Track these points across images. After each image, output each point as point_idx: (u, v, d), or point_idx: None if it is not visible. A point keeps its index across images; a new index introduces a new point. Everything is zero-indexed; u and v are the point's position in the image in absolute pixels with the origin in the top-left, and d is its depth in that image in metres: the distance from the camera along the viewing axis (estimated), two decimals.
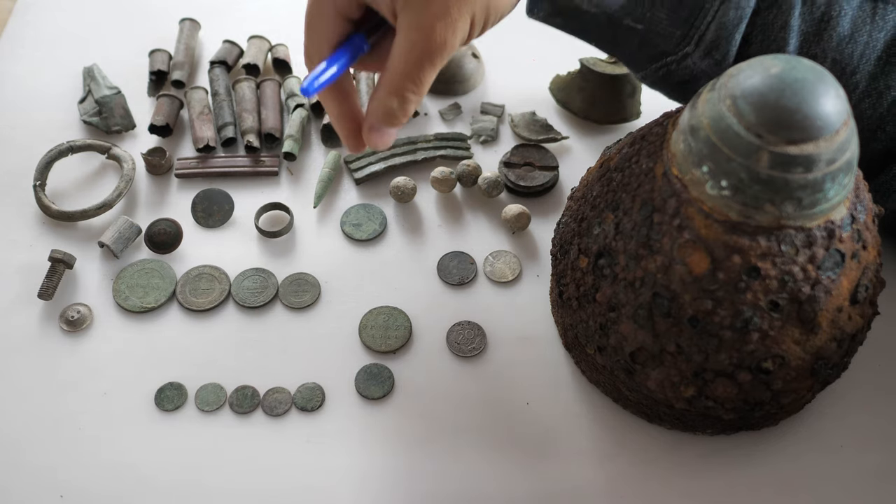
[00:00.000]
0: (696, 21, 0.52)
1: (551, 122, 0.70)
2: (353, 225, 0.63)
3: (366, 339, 0.58)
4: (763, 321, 0.45)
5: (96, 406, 0.56)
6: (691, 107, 0.46)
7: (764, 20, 0.53)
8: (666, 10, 0.52)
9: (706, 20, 0.52)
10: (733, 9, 0.52)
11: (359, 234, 0.63)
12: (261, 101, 0.70)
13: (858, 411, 0.56)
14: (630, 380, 0.51)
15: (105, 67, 0.72)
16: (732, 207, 0.44)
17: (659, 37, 0.53)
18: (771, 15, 0.53)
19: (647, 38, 0.54)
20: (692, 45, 0.53)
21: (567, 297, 0.53)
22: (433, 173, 0.64)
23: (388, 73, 0.47)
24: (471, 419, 0.55)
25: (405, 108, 0.48)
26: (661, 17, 0.52)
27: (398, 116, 0.48)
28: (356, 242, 0.63)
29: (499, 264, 0.62)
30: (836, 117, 0.42)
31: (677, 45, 0.53)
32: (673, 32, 0.53)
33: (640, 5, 0.52)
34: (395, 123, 0.49)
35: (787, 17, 0.52)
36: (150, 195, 0.66)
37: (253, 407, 0.56)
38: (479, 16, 0.46)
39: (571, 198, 0.55)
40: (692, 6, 0.52)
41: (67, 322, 0.59)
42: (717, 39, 0.52)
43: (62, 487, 0.52)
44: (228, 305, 0.60)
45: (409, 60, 0.46)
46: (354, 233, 0.63)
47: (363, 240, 0.63)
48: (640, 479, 0.53)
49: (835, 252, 0.45)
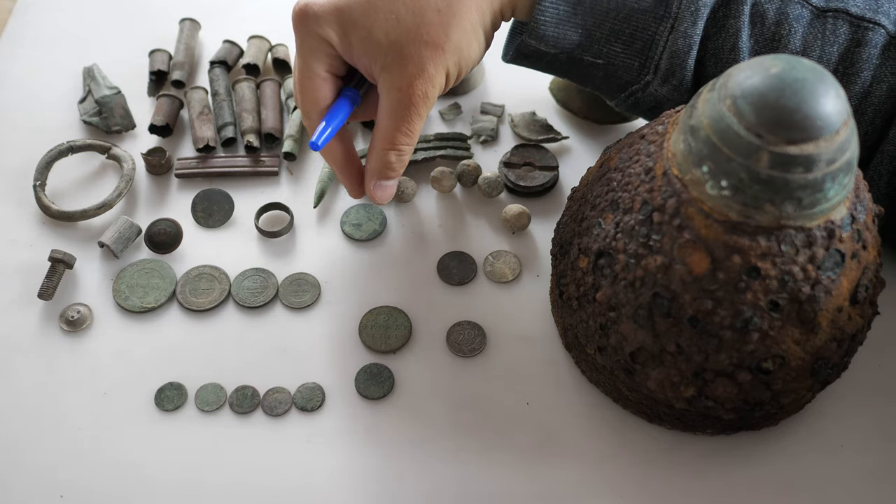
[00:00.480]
0: (649, 52, 0.54)
1: (551, 122, 0.70)
2: (353, 225, 0.63)
3: (366, 339, 0.58)
4: (763, 321, 0.45)
5: (96, 406, 0.56)
6: (691, 107, 0.46)
7: (714, 44, 0.55)
8: (620, 44, 0.55)
9: (658, 50, 0.54)
10: (681, 38, 0.54)
11: (359, 234, 0.63)
12: (261, 101, 0.70)
13: (858, 411, 0.56)
14: (630, 380, 0.51)
15: (105, 67, 0.72)
16: (732, 207, 0.44)
17: (620, 69, 0.56)
18: (720, 39, 0.54)
19: (609, 71, 0.56)
20: (651, 74, 0.55)
21: (567, 297, 0.53)
22: (433, 173, 0.65)
23: (380, 130, 0.53)
24: (471, 419, 0.55)
25: (402, 159, 0.54)
26: (618, 51, 0.55)
27: (396, 168, 0.55)
28: (356, 242, 0.63)
29: (499, 264, 0.62)
30: (836, 117, 0.42)
31: (638, 75, 0.56)
32: (631, 64, 0.55)
33: (595, 42, 0.55)
34: (394, 175, 0.55)
35: (735, 39, 0.54)
36: (150, 195, 0.66)
37: (253, 407, 0.56)
38: (452, 69, 0.52)
39: (571, 198, 0.56)
40: (643, 38, 0.54)
41: (67, 322, 0.59)
42: (671, 67, 0.55)
43: (62, 487, 0.52)
44: (228, 305, 0.60)
45: (396, 117, 0.52)
46: (354, 233, 0.63)
47: (363, 240, 0.63)
48: (640, 479, 0.53)
49: (835, 252, 0.45)
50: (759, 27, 0.54)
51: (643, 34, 0.54)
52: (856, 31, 0.54)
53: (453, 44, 0.51)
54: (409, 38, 0.50)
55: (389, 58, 0.51)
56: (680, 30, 0.54)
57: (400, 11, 0.50)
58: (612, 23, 0.54)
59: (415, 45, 0.50)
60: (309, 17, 0.51)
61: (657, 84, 0.55)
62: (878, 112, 0.55)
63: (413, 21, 0.50)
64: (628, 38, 0.54)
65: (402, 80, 0.51)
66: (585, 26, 0.54)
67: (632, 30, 0.54)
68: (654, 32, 0.54)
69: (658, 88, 0.56)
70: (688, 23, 0.53)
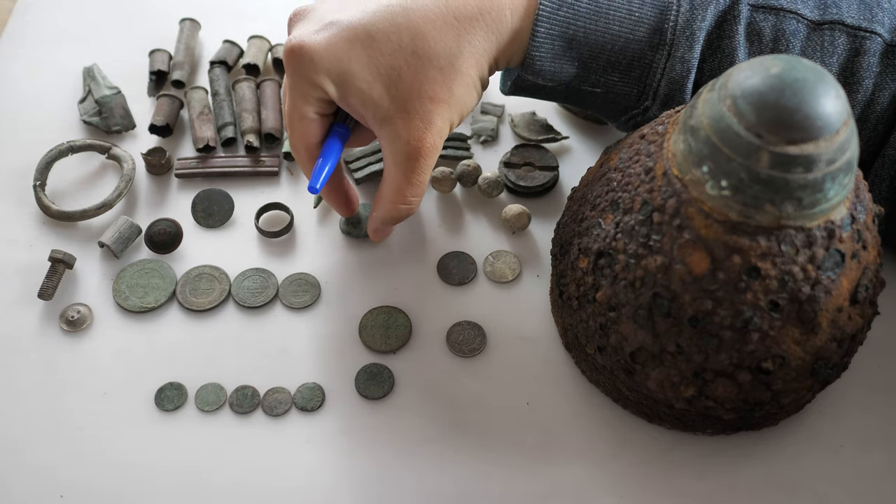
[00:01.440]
0: (647, 80, 0.55)
1: (551, 122, 0.70)
2: (351, 223, 0.63)
3: (366, 339, 0.58)
4: (763, 321, 0.45)
5: (96, 406, 0.56)
6: (691, 107, 0.46)
7: (711, 65, 0.55)
8: (618, 73, 0.55)
9: (656, 77, 0.54)
10: (679, 63, 0.54)
11: (356, 231, 0.63)
12: (261, 101, 0.70)
13: (858, 411, 0.56)
14: (630, 380, 0.51)
15: (105, 67, 0.72)
16: (732, 207, 0.44)
17: (618, 96, 0.56)
18: (716, 60, 0.55)
19: (608, 98, 0.56)
20: (650, 100, 0.56)
21: (567, 297, 0.53)
22: (433, 173, 0.64)
23: (390, 181, 0.54)
24: (471, 419, 0.55)
25: (410, 209, 0.55)
26: (615, 80, 0.55)
27: (404, 218, 0.56)
28: (356, 242, 0.63)
29: (499, 264, 0.62)
30: (836, 117, 0.42)
31: (637, 101, 0.56)
32: (630, 91, 0.56)
33: (592, 73, 0.55)
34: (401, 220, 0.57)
35: (732, 59, 0.54)
36: (150, 195, 0.66)
37: (253, 407, 0.56)
38: (455, 120, 0.53)
39: (571, 198, 0.56)
40: (640, 66, 0.54)
41: (67, 322, 0.59)
42: (670, 93, 0.55)
43: (62, 487, 0.52)
44: (228, 305, 0.60)
45: (405, 168, 0.52)
46: (352, 231, 0.63)
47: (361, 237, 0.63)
48: (640, 479, 0.53)
49: (835, 252, 0.45)
50: (757, 45, 0.54)
51: (640, 63, 0.54)
52: (853, 40, 0.54)
53: (456, 99, 0.52)
54: (413, 95, 0.51)
55: (392, 111, 0.51)
56: (677, 56, 0.54)
57: (402, 69, 0.50)
58: (607, 55, 0.54)
59: (419, 101, 0.51)
60: (304, 62, 0.50)
61: (656, 109, 0.56)
62: (880, 119, 0.55)
63: (416, 78, 0.50)
64: (625, 67, 0.54)
65: (409, 134, 0.51)
66: (581, 59, 0.54)
67: (628, 60, 0.54)
68: (651, 60, 0.54)
69: (657, 113, 0.56)
70: (684, 48, 0.53)
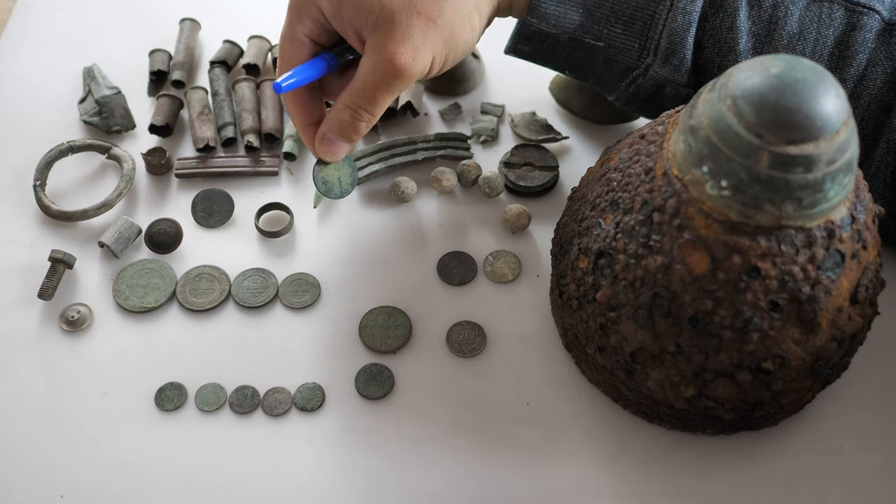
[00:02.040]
0: (649, 32, 0.55)
1: (551, 122, 0.70)
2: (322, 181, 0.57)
3: (366, 339, 0.58)
4: (763, 321, 0.45)
5: (96, 406, 0.56)
6: (691, 107, 0.46)
7: (712, 24, 0.55)
8: (621, 24, 0.55)
9: (658, 29, 0.55)
10: (680, 14, 0.55)
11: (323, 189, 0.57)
12: (261, 101, 0.70)
13: (858, 411, 0.56)
14: (630, 380, 0.51)
15: (105, 67, 0.72)
16: (732, 207, 0.44)
17: (620, 52, 0.56)
18: (717, 19, 0.55)
19: (610, 55, 0.56)
20: (651, 56, 0.56)
21: (567, 297, 0.53)
22: (433, 173, 0.65)
23: (349, 89, 0.52)
24: (471, 419, 0.55)
25: (356, 124, 0.52)
26: (618, 32, 0.55)
27: (349, 131, 0.53)
28: (356, 242, 0.63)
29: (499, 264, 0.62)
30: (836, 117, 0.42)
31: (638, 58, 0.56)
32: (631, 46, 0.56)
33: (595, 23, 0.55)
34: (346, 137, 0.53)
35: (734, 18, 0.55)
36: (150, 195, 0.66)
37: (253, 407, 0.56)
38: (440, 48, 0.51)
39: (571, 198, 0.56)
40: (643, 18, 0.55)
41: (67, 322, 0.59)
42: (671, 46, 0.55)
43: (62, 487, 0.52)
44: (228, 305, 0.60)
45: (368, 80, 0.50)
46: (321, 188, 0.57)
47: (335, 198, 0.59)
48: (640, 479, 0.53)
49: (835, 252, 0.45)
50: (757, 9, 0.55)
51: (642, 13, 0.55)
52: (851, 15, 0.55)
53: (446, 19, 0.50)
54: (402, 6, 0.49)
55: (380, 21, 0.50)
56: (679, 6, 0.54)
57: None
58: (611, 2, 0.55)
59: (406, 14, 0.49)
60: None
61: (658, 65, 0.56)
62: (873, 98, 0.55)
63: None
64: (628, 18, 0.55)
65: (386, 45, 0.50)
66: (586, 6, 0.55)
67: (631, 10, 0.55)
68: (654, 11, 0.55)
69: (658, 70, 0.56)
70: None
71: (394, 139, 0.67)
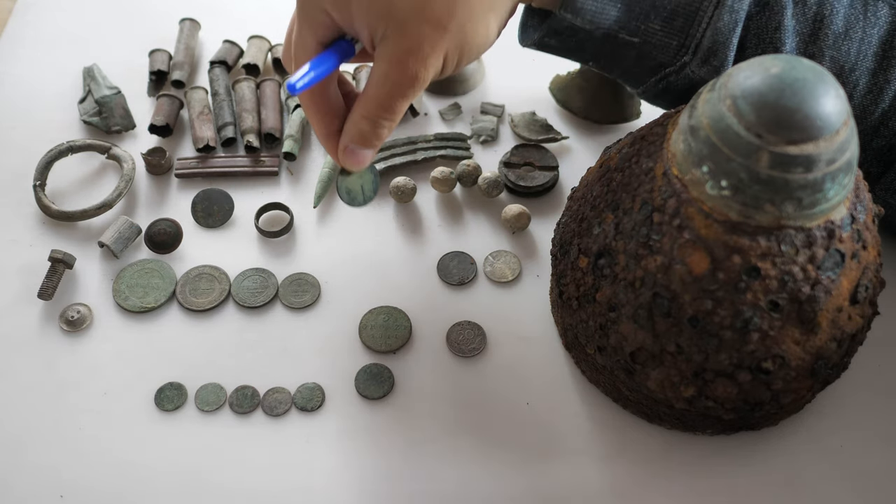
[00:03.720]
0: (690, 29, 0.52)
1: (551, 122, 0.70)
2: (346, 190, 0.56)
3: (366, 339, 0.58)
4: (763, 321, 0.45)
5: (96, 406, 0.56)
6: (691, 107, 0.46)
7: (757, 23, 0.53)
8: (660, 20, 0.52)
9: (701, 27, 0.52)
10: (728, 13, 0.52)
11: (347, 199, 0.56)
12: (261, 101, 0.70)
13: (858, 411, 0.56)
14: (630, 380, 0.51)
15: (105, 67, 0.72)
16: (732, 207, 0.44)
17: (656, 48, 0.53)
18: (764, 17, 0.53)
19: (644, 51, 0.54)
20: (689, 55, 0.53)
21: (567, 297, 0.53)
22: (433, 173, 0.65)
23: (363, 99, 0.50)
24: (471, 419, 0.55)
25: (377, 132, 0.51)
26: (656, 29, 0.52)
27: (370, 139, 0.51)
28: (356, 242, 0.63)
29: (499, 264, 0.62)
30: (836, 117, 0.42)
31: (675, 56, 0.53)
32: (669, 43, 0.53)
33: (633, 19, 0.52)
34: (368, 145, 0.51)
35: (781, 17, 0.52)
36: (150, 195, 0.66)
37: (253, 407, 0.56)
38: (452, 53, 0.49)
39: (571, 198, 0.55)
40: (686, 14, 0.52)
41: (67, 322, 0.59)
42: (713, 45, 0.52)
43: (62, 487, 0.52)
44: (228, 305, 0.60)
45: (382, 89, 0.49)
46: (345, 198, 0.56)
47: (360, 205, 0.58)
48: (640, 479, 0.53)
49: (835, 252, 0.45)
50: (801, 7, 0.53)
51: (686, 9, 0.52)
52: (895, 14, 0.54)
53: (457, 24, 0.48)
54: (412, 13, 0.47)
55: (390, 29, 0.48)
56: (727, 4, 0.51)
57: None
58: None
59: (416, 22, 0.47)
60: None
61: (696, 65, 0.53)
62: None
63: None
64: (669, 14, 0.52)
65: (395, 54, 0.48)
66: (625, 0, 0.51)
67: (674, 5, 0.52)
68: (698, 8, 0.52)
69: (696, 70, 0.53)
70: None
71: (394, 139, 0.67)
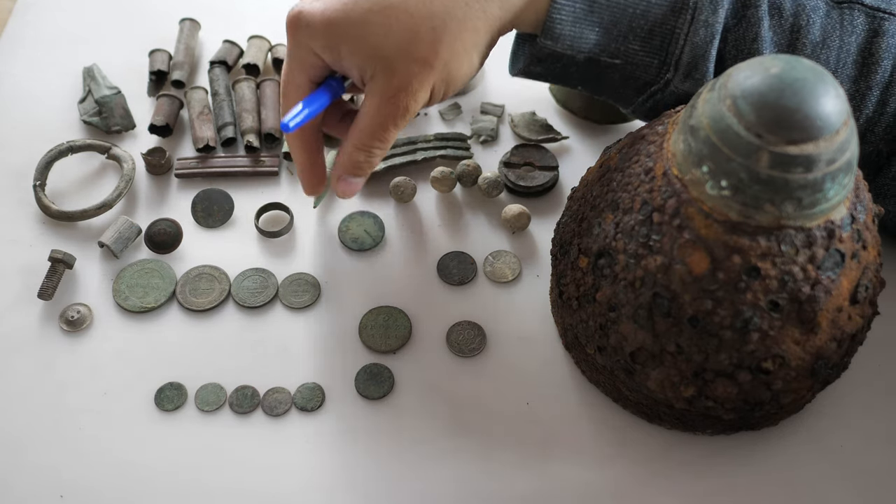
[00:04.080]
0: (669, 47, 0.53)
1: (551, 122, 0.70)
2: (353, 239, 0.63)
3: (366, 339, 0.58)
4: (763, 321, 0.45)
5: (96, 406, 0.56)
6: (691, 107, 0.46)
7: (735, 35, 0.54)
8: (639, 41, 0.53)
9: (679, 44, 0.53)
10: (703, 27, 0.53)
11: (356, 246, 0.63)
12: (261, 101, 0.70)
13: (858, 411, 0.56)
14: (630, 380, 0.51)
15: (105, 67, 0.72)
16: (732, 207, 0.44)
17: (638, 68, 0.54)
18: (741, 29, 0.54)
19: (627, 72, 0.55)
20: (671, 71, 0.54)
21: (567, 297, 0.53)
22: (433, 173, 0.65)
23: (356, 130, 0.54)
24: (471, 419, 0.55)
25: (371, 161, 0.55)
26: (636, 49, 0.54)
27: (364, 168, 0.55)
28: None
29: (499, 264, 0.62)
30: (836, 117, 0.42)
31: (657, 74, 0.54)
32: (650, 62, 0.54)
33: (612, 41, 0.53)
34: (362, 174, 0.56)
35: (758, 28, 0.53)
36: (150, 195, 0.66)
37: (253, 407, 0.56)
38: (438, 86, 0.52)
39: (571, 198, 0.55)
40: (662, 33, 0.53)
41: (67, 322, 0.59)
42: (693, 60, 0.53)
43: (62, 487, 0.52)
44: (228, 305, 0.60)
45: (374, 121, 0.53)
46: (353, 245, 0.63)
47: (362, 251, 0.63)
48: (640, 479, 0.53)
49: (835, 252, 0.45)
50: (778, 18, 0.54)
51: (661, 29, 0.53)
52: (872, 21, 0.54)
53: (442, 62, 0.51)
54: (399, 54, 0.50)
55: (379, 68, 0.51)
56: (700, 19, 0.52)
57: (393, 27, 0.50)
58: (629, 19, 0.52)
59: (404, 61, 0.50)
60: (300, 28, 0.52)
61: (678, 80, 0.54)
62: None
63: (405, 37, 0.50)
64: (646, 34, 0.53)
65: (387, 91, 0.51)
66: (602, 24, 0.53)
67: (650, 25, 0.53)
68: (674, 26, 0.53)
69: (679, 85, 0.54)
70: (708, 11, 0.52)
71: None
